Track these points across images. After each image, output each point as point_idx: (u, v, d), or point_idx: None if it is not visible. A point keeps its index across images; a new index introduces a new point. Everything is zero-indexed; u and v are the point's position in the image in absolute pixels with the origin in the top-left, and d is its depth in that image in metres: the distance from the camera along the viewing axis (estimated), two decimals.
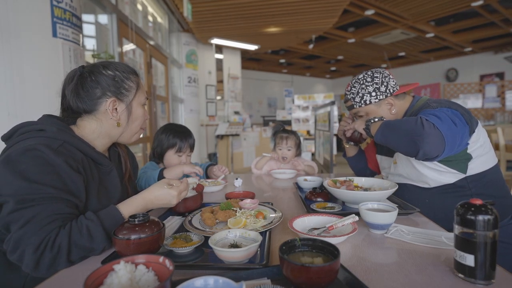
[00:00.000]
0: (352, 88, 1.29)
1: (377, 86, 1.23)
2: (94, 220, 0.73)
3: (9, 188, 0.70)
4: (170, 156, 1.52)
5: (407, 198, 1.18)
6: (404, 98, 1.28)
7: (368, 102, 1.25)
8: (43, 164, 0.73)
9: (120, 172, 1.06)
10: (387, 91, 1.24)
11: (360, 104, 1.27)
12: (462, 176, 1.09)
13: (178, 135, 1.52)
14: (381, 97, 1.23)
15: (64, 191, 0.75)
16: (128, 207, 0.82)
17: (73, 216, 0.75)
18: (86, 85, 0.89)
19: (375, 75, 1.25)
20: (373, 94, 1.23)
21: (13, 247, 0.67)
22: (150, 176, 1.36)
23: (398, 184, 1.27)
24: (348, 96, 1.31)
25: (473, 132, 1.07)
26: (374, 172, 1.59)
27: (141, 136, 1.04)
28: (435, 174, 1.12)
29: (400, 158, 1.25)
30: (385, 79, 1.24)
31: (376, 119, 1.19)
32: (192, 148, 1.57)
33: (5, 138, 0.84)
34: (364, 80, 1.26)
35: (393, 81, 1.26)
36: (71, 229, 0.70)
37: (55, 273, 0.67)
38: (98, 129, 0.92)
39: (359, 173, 1.62)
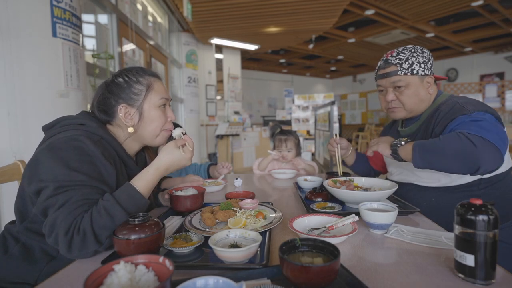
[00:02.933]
0: (400, 54, 1.19)
1: (426, 60, 1.18)
2: (109, 200, 0.75)
3: (51, 174, 0.75)
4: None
5: (412, 196, 1.17)
6: (435, 86, 1.24)
7: (415, 71, 1.16)
8: (82, 153, 0.79)
9: None
10: (431, 69, 1.19)
11: (406, 72, 1.17)
12: (479, 177, 1.08)
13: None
14: (427, 72, 1.18)
15: (98, 180, 0.79)
16: (142, 181, 0.83)
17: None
18: (104, 97, 0.95)
19: (424, 50, 1.19)
20: (423, 65, 1.17)
21: (49, 230, 0.72)
22: None
23: (403, 182, 1.26)
24: (392, 61, 1.19)
25: None
26: (379, 172, 1.57)
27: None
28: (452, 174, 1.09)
29: None
30: (431, 58, 1.20)
31: (403, 142, 1.09)
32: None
33: (46, 128, 0.90)
34: (415, 49, 1.18)
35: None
36: (92, 213, 0.73)
37: (93, 255, 0.73)
38: (122, 134, 0.97)
39: (364, 176, 1.58)
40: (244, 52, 8.18)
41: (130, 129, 0.94)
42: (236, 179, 1.64)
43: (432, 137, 1.10)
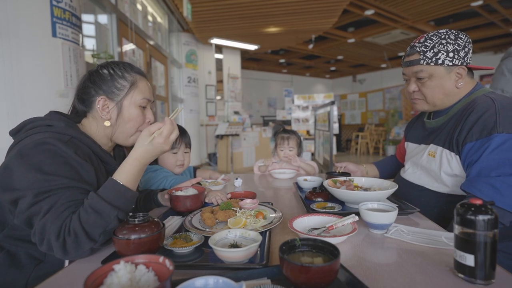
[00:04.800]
0: (427, 40, 1.06)
1: (458, 48, 1.03)
2: (94, 197, 0.74)
3: (25, 182, 0.72)
4: (165, 154, 1.45)
5: (423, 201, 1.11)
6: (472, 78, 1.11)
7: (440, 61, 1.04)
8: (55, 156, 0.76)
9: None
10: (465, 58, 1.04)
11: (429, 61, 1.05)
12: None
13: None
14: (457, 62, 1.04)
15: (77, 180, 0.77)
16: (124, 174, 0.80)
17: None
18: (85, 86, 0.93)
19: (460, 36, 1.05)
20: (451, 54, 1.03)
21: (39, 238, 0.71)
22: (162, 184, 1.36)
23: (413, 183, 1.20)
24: (417, 48, 1.08)
25: None
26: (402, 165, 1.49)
27: None
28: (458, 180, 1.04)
29: (436, 154, 1.11)
30: (468, 45, 1.05)
31: None
32: (187, 145, 1.51)
33: (13, 132, 0.86)
34: (446, 36, 1.04)
35: (471, 53, 1.07)
36: (79, 213, 0.72)
37: (91, 254, 0.74)
38: (96, 128, 0.94)
39: (392, 176, 1.55)
40: (244, 52, 8.18)
41: (107, 123, 0.91)
42: (236, 179, 1.64)
43: (456, 138, 1.02)
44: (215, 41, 6.37)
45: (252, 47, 6.96)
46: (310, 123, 5.63)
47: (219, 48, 7.25)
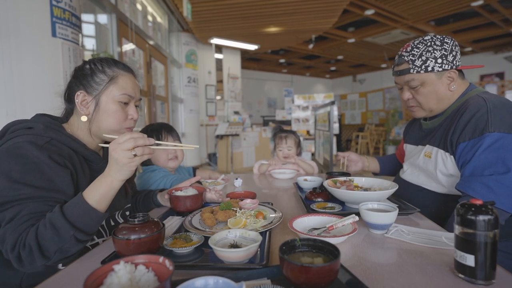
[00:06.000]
0: (414, 49, 1.08)
1: (446, 53, 1.05)
2: (56, 211, 0.72)
3: None
4: (156, 152, 1.42)
5: (422, 201, 1.12)
6: (464, 79, 1.12)
7: (430, 68, 1.06)
8: (26, 162, 0.74)
9: None
10: (454, 62, 1.06)
11: (419, 70, 1.07)
12: None
13: (155, 132, 1.43)
14: (446, 66, 1.05)
15: (47, 189, 0.75)
16: (91, 190, 0.75)
17: None
18: (69, 82, 0.93)
19: (445, 40, 1.06)
20: (439, 60, 1.05)
21: (0, 245, 0.72)
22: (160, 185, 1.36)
23: (412, 183, 1.21)
24: (405, 58, 1.10)
25: None
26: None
27: None
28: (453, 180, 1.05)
29: (432, 154, 1.12)
30: (455, 48, 1.06)
31: None
32: (176, 137, 1.48)
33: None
34: (432, 43, 1.06)
35: (459, 55, 1.08)
36: (38, 227, 0.71)
37: (45, 268, 0.72)
38: (79, 125, 0.92)
39: (393, 174, 1.55)
40: (244, 52, 8.18)
41: (83, 118, 0.90)
42: (236, 179, 1.64)
43: (450, 139, 1.03)
44: (215, 41, 6.37)
45: (252, 47, 6.96)
46: (310, 123, 5.63)
47: (219, 48, 7.25)
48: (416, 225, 0.91)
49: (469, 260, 0.57)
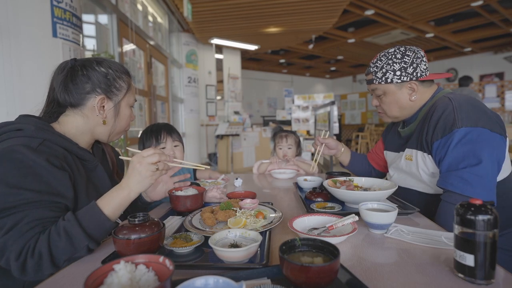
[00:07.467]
0: (378, 61, 1.16)
1: (405, 66, 1.11)
2: (71, 220, 0.70)
3: None
4: None
5: (414, 203, 1.12)
6: (430, 86, 1.17)
7: (389, 80, 1.14)
8: (22, 166, 0.71)
9: (108, 168, 1.04)
10: (414, 73, 1.12)
11: (380, 81, 1.16)
12: None
13: (155, 132, 1.42)
14: (405, 78, 1.12)
15: (47, 193, 0.73)
16: (107, 200, 0.76)
17: (56, 220, 0.73)
18: (76, 79, 0.88)
19: (407, 53, 1.12)
20: (398, 73, 1.12)
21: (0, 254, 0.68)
22: None
23: (403, 187, 1.23)
24: (371, 69, 1.19)
25: (506, 138, 0.99)
26: (381, 172, 1.52)
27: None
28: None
29: (414, 157, 1.16)
30: (416, 60, 1.12)
31: None
32: (176, 138, 1.45)
33: None
34: (393, 56, 1.13)
35: (425, 65, 1.13)
36: (50, 234, 0.69)
37: (49, 276, 0.66)
38: (82, 125, 0.91)
39: (365, 176, 1.53)
40: (244, 52, 8.19)
41: (104, 122, 0.91)
42: (236, 179, 1.64)
43: (425, 139, 1.07)
44: (215, 41, 6.37)
45: (252, 47, 6.96)
46: (310, 123, 5.63)
47: (219, 48, 7.25)
48: (415, 225, 0.92)
49: (469, 259, 0.57)
